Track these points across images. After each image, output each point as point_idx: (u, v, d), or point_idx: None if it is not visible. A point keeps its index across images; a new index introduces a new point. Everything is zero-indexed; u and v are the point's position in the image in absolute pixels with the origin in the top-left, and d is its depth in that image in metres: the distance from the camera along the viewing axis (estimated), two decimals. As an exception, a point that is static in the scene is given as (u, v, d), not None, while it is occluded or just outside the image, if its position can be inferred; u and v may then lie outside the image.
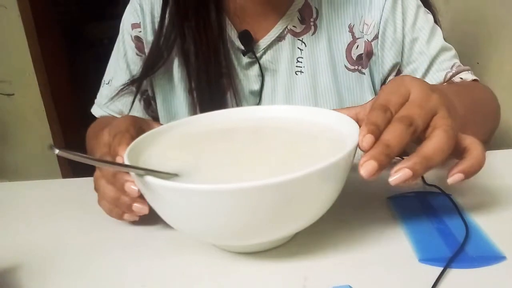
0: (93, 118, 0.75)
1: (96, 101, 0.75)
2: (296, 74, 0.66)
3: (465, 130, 0.39)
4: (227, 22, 0.65)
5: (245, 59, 0.66)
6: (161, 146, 0.43)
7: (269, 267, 0.37)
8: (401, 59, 0.66)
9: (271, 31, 0.65)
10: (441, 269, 0.34)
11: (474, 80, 0.65)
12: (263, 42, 0.65)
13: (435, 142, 0.34)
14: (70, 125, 1.94)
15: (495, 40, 1.01)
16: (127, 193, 0.40)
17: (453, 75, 0.64)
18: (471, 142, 0.37)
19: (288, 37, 0.65)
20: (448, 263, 0.34)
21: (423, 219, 0.41)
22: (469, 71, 0.66)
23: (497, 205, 0.44)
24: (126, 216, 0.43)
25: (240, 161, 0.39)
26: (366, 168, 0.33)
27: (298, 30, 0.65)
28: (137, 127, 0.46)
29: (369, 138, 0.34)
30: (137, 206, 0.42)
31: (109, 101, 0.71)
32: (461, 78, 0.64)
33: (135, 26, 0.68)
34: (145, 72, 0.66)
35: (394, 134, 0.34)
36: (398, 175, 0.33)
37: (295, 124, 0.46)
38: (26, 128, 1.91)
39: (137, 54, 0.69)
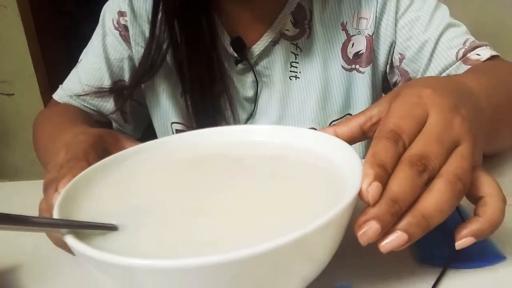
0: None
1: (62, 86, 0.71)
2: (291, 80, 0.65)
3: (496, 133, 0.34)
4: (221, 29, 0.64)
5: (239, 66, 0.65)
6: (107, 181, 0.35)
7: (269, 267, 0.37)
8: (397, 43, 0.62)
9: (263, 37, 0.64)
10: (441, 269, 0.34)
11: (494, 56, 0.57)
12: (256, 48, 0.64)
13: (436, 198, 0.27)
14: (70, 125, 1.93)
15: (495, 40, 1.01)
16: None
17: (467, 52, 0.57)
18: (490, 193, 0.30)
19: (282, 41, 0.64)
20: (448, 263, 0.34)
21: (423, 219, 0.41)
22: (487, 47, 0.58)
23: (497, 205, 0.44)
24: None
25: (205, 211, 0.30)
26: (366, 232, 0.27)
27: (291, 34, 0.63)
28: (101, 149, 0.41)
29: (375, 190, 0.27)
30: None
31: (88, 95, 0.67)
32: (478, 55, 0.56)
33: (121, 14, 0.66)
34: (138, 80, 0.64)
35: (403, 186, 0.27)
36: (391, 239, 0.27)
37: (282, 152, 0.37)
38: (26, 128, 1.91)
39: (123, 41, 0.66)
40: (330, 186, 0.31)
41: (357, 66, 0.64)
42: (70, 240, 0.26)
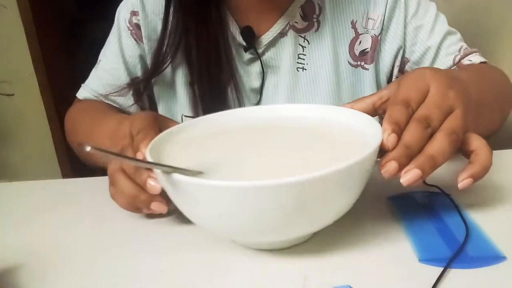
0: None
1: (84, 85, 0.73)
2: (298, 71, 0.67)
3: (481, 116, 0.41)
4: (230, 18, 0.65)
5: (247, 56, 0.66)
6: (179, 145, 0.43)
7: (269, 267, 0.37)
8: (405, 48, 0.67)
9: (273, 27, 0.65)
10: (441, 269, 0.34)
11: (483, 62, 0.65)
12: (265, 38, 0.65)
13: (438, 145, 0.36)
14: (70, 125, 1.93)
15: (495, 39, 1.01)
16: (148, 190, 0.40)
17: (462, 58, 0.65)
18: (478, 146, 0.38)
19: (290, 33, 0.66)
20: (448, 263, 0.34)
21: (423, 219, 0.41)
22: (477, 53, 0.66)
23: (497, 205, 0.44)
24: (145, 210, 0.43)
25: (262, 160, 0.40)
26: (388, 168, 0.35)
27: (300, 27, 0.66)
28: (158, 126, 0.46)
29: (393, 138, 0.36)
30: (156, 205, 0.42)
31: (110, 94, 0.70)
32: (470, 61, 0.64)
33: (134, 13, 0.68)
34: (153, 71, 0.66)
35: (414, 136, 0.36)
36: (409, 175, 0.35)
37: (315, 124, 0.46)
38: (26, 128, 1.91)
39: (135, 40, 0.69)
40: (357, 144, 0.40)
41: (362, 63, 0.67)
42: (178, 176, 0.33)
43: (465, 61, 0.65)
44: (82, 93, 0.73)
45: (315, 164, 0.37)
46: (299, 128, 0.46)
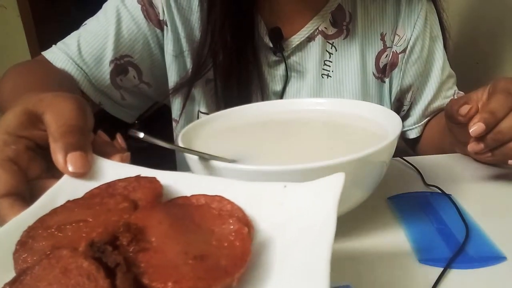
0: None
1: (57, 45, 0.66)
2: (323, 77, 0.66)
3: None
4: (258, 17, 0.63)
5: (272, 57, 0.65)
6: (208, 135, 0.45)
7: (269, 267, 0.37)
8: (419, 78, 0.67)
9: (301, 30, 0.64)
10: (441, 269, 0.34)
11: None
12: (293, 41, 0.64)
13: (495, 101, 0.43)
14: (70, 125, 1.93)
15: (495, 40, 1.01)
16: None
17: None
18: (494, 97, 0.44)
19: (319, 38, 0.64)
20: (448, 264, 0.34)
21: (423, 219, 0.41)
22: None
23: (497, 205, 0.44)
24: None
25: (289, 148, 0.42)
26: (475, 128, 0.42)
27: (329, 33, 0.65)
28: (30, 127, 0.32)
29: (478, 126, 0.42)
30: None
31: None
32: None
33: None
34: (195, 74, 0.62)
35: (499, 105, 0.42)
36: (475, 127, 0.42)
37: (335, 116, 0.49)
38: (26, 128, 1.91)
39: (145, 18, 0.61)
40: (377, 131, 0.43)
41: (383, 76, 0.68)
42: (218, 163, 0.35)
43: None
44: (53, 51, 0.63)
45: (342, 151, 0.39)
46: (320, 119, 0.49)
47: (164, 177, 0.30)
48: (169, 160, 0.76)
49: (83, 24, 0.65)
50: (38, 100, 0.33)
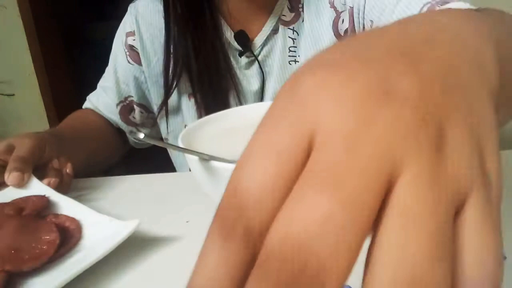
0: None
1: (88, 97, 0.76)
2: (290, 64, 0.65)
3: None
4: (224, 23, 0.65)
5: (244, 59, 0.65)
6: (208, 136, 0.46)
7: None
8: (365, 11, 0.58)
9: (265, 26, 0.64)
10: (441, 269, 0.34)
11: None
12: (258, 39, 0.65)
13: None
14: (70, 125, 1.93)
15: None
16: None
17: (434, 6, 0.48)
18: None
19: (280, 27, 0.64)
20: (448, 263, 0.34)
21: (423, 219, 0.41)
22: (465, 2, 0.48)
23: (497, 205, 0.44)
24: None
25: None
26: None
27: (288, 19, 0.64)
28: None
29: None
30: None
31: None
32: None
33: (129, 34, 0.68)
34: (166, 94, 0.66)
35: None
36: None
37: None
38: (26, 128, 1.91)
39: (129, 62, 0.69)
40: None
41: None
42: (218, 164, 0.35)
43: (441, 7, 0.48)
44: (86, 105, 0.76)
45: None
46: None
47: (56, 197, 0.47)
48: (169, 161, 0.76)
49: (103, 76, 0.75)
50: (18, 137, 0.54)
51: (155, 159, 0.77)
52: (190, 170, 0.42)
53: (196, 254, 0.14)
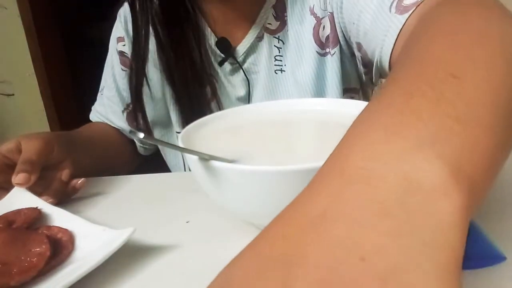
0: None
1: (93, 108, 0.76)
2: (276, 73, 0.64)
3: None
4: (207, 30, 0.64)
5: (228, 66, 0.65)
6: (208, 135, 0.46)
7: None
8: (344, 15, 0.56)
9: (248, 33, 0.64)
10: (441, 269, 0.34)
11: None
12: (241, 46, 0.64)
13: None
14: (70, 125, 1.92)
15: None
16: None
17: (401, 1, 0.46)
18: None
19: (266, 36, 0.64)
20: (448, 263, 0.34)
21: (423, 219, 0.41)
22: None
23: (497, 205, 0.44)
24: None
25: (291, 150, 0.43)
26: None
27: (273, 28, 0.63)
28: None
29: None
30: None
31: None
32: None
33: (119, 40, 0.68)
34: (135, 95, 0.66)
35: None
36: None
37: (341, 118, 0.49)
38: (26, 128, 1.91)
39: (122, 69, 0.69)
40: None
41: (328, 50, 0.61)
42: (218, 164, 0.35)
43: (409, 1, 0.45)
44: (92, 116, 0.76)
45: None
46: (320, 120, 0.49)
47: (49, 208, 0.46)
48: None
49: (101, 87, 0.75)
50: (27, 137, 0.53)
51: (155, 159, 0.77)
52: (190, 170, 0.42)
53: (196, 255, 0.14)
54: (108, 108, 0.73)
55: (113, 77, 0.71)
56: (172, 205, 0.50)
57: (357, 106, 0.49)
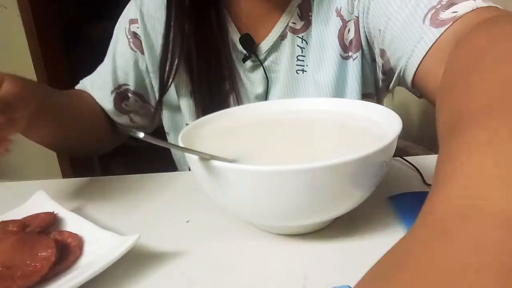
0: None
1: (81, 81, 0.74)
2: (297, 73, 0.64)
3: None
4: (230, 24, 0.64)
5: (248, 63, 0.65)
6: (208, 135, 0.46)
7: (269, 266, 0.37)
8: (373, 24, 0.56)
9: (272, 31, 0.63)
10: (441, 269, 0.34)
11: (485, 9, 0.43)
12: (265, 44, 0.64)
13: None
14: (70, 125, 1.93)
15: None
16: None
17: (439, 11, 0.46)
18: None
19: (289, 35, 0.63)
20: (448, 263, 0.34)
21: (423, 219, 0.42)
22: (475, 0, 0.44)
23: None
24: None
25: (291, 149, 0.43)
26: None
27: (297, 27, 0.63)
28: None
29: None
30: None
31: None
32: (454, 12, 0.44)
33: (133, 21, 0.67)
34: (162, 88, 0.66)
35: None
36: None
37: (342, 117, 0.49)
38: (26, 128, 1.91)
39: (131, 49, 0.68)
40: (375, 130, 0.43)
41: (350, 53, 0.61)
42: (217, 163, 0.35)
43: (445, 14, 0.45)
44: (78, 86, 0.74)
45: (342, 150, 0.40)
46: (320, 119, 0.49)
47: (63, 213, 0.46)
48: (170, 160, 0.76)
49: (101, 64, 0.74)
50: (11, 77, 0.49)
51: (155, 159, 0.77)
52: (189, 169, 0.42)
53: (196, 255, 0.14)
54: (94, 84, 0.71)
55: (113, 55, 0.70)
56: (172, 205, 0.50)
57: (358, 106, 0.49)
